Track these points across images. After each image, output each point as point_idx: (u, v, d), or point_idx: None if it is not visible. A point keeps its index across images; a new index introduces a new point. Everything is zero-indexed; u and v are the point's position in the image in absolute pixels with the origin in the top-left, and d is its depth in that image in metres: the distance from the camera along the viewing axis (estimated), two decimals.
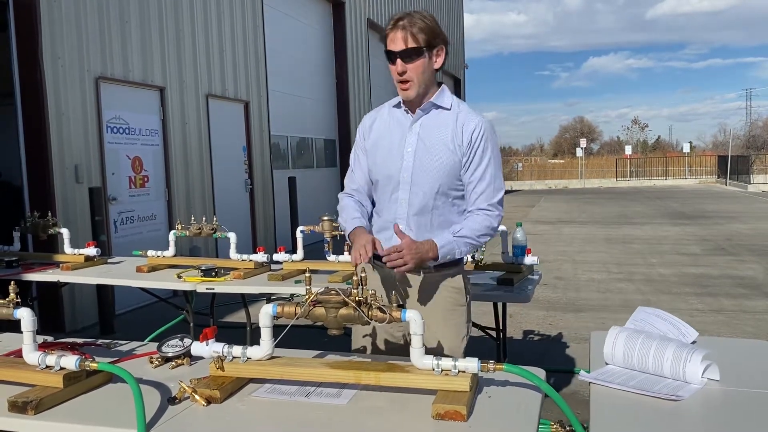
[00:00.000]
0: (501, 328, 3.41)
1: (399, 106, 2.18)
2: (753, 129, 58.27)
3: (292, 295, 4.54)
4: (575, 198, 23.01)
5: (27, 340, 1.70)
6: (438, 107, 2.13)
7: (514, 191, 29.56)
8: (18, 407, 1.57)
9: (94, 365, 1.64)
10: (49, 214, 4.14)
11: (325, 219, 3.38)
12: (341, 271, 3.39)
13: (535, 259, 3.34)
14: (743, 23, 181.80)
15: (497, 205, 2.12)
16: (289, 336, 1.79)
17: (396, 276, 2.08)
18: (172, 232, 3.81)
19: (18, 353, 1.82)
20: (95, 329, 5.67)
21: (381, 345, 2.20)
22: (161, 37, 7.05)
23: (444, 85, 2.17)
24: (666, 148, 56.15)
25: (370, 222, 2.21)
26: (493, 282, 3.18)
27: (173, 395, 1.63)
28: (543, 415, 1.55)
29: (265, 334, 1.70)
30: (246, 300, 3.98)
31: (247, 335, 4.03)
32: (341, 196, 2.28)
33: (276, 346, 1.73)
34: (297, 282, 3.32)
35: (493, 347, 3.46)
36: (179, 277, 3.45)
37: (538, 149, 65.39)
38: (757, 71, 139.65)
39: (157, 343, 1.98)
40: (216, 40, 8.15)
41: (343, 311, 1.63)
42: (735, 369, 1.71)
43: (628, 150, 39.12)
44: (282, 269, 3.54)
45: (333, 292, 1.64)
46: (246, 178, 8.94)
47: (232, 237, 3.63)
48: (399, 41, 2.03)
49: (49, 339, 2.19)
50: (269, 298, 5.17)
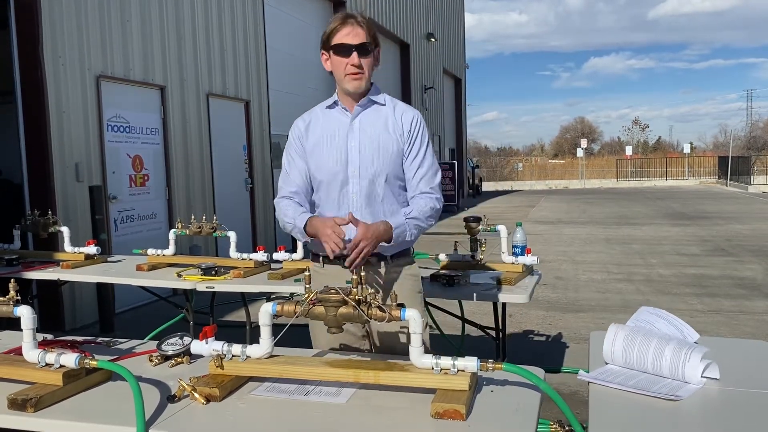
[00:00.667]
0: (500, 327, 3.42)
1: (333, 106, 2.23)
2: (754, 130, 58.35)
3: (291, 294, 4.54)
4: (575, 198, 23.01)
5: (27, 337, 1.70)
6: (374, 103, 2.22)
7: (514, 191, 29.56)
8: (18, 405, 1.57)
9: (93, 363, 1.64)
10: (50, 212, 4.14)
11: None
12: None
13: (535, 259, 3.34)
14: (745, 24, 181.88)
15: (437, 188, 2.22)
16: (289, 335, 1.80)
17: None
18: (172, 230, 3.81)
19: (18, 351, 1.82)
20: (95, 327, 5.68)
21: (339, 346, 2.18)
22: (162, 36, 7.06)
23: (375, 84, 2.24)
24: (666, 148, 56.16)
25: None
26: (493, 282, 3.18)
27: (173, 393, 1.63)
28: (542, 415, 1.55)
29: (265, 332, 1.71)
30: (246, 299, 3.98)
31: (247, 334, 4.04)
32: (278, 200, 2.22)
33: (275, 344, 1.74)
34: (297, 281, 3.32)
35: (493, 347, 3.47)
36: (179, 276, 3.45)
37: (538, 149, 65.48)
38: (759, 72, 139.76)
39: (157, 342, 1.99)
40: (217, 39, 8.15)
41: (343, 310, 1.64)
42: (734, 369, 1.71)
43: (628, 150, 39.18)
44: (282, 268, 3.54)
45: (332, 291, 1.65)
46: (246, 177, 8.94)
47: (232, 236, 3.63)
48: (355, 36, 2.10)
49: (49, 337, 2.19)
50: (269, 297, 5.17)
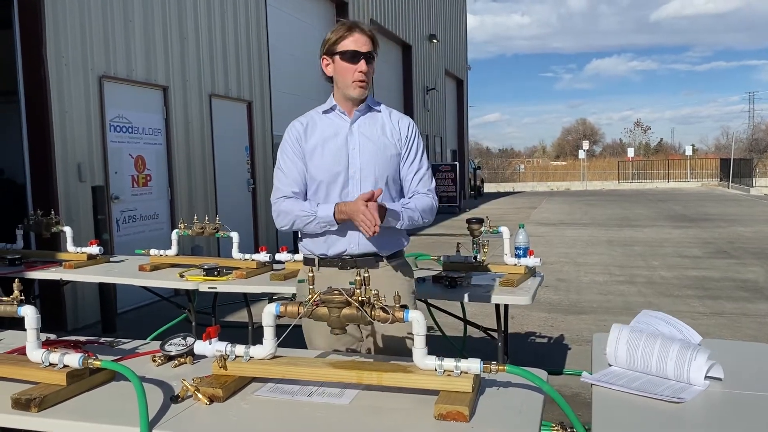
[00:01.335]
0: (503, 329, 3.41)
1: (331, 110, 2.28)
2: (756, 132, 58.30)
3: (294, 295, 4.54)
4: (577, 200, 22.99)
5: (30, 337, 1.70)
6: (372, 109, 2.30)
7: (516, 193, 29.55)
8: (21, 404, 1.57)
9: (97, 363, 1.65)
10: (52, 212, 4.15)
11: None
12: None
13: (538, 261, 3.34)
14: (747, 26, 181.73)
15: (433, 190, 2.33)
16: (292, 336, 1.80)
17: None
18: (174, 231, 3.81)
19: (21, 351, 1.83)
20: (97, 327, 5.69)
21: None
22: (165, 37, 7.07)
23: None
24: (668, 150, 56.07)
25: None
26: (495, 283, 3.18)
27: (176, 394, 1.63)
28: (545, 417, 1.55)
29: (268, 333, 1.71)
30: (248, 299, 3.98)
31: (249, 335, 4.04)
32: (279, 199, 2.21)
33: (278, 345, 1.74)
34: (300, 281, 3.31)
35: (495, 348, 3.47)
36: (181, 276, 3.45)
37: (540, 151, 65.44)
38: (761, 74, 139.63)
39: (160, 342, 1.99)
40: (219, 39, 8.16)
41: (346, 311, 1.63)
42: (737, 372, 1.71)
43: (630, 152, 39.12)
44: (284, 269, 3.54)
45: (336, 292, 1.65)
46: (248, 177, 8.95)
47: (234, 236, 3.64)
48: (363, 44, 2.17)
49: (52, 337, 2.19)
50: (271, 297, 5.17)
